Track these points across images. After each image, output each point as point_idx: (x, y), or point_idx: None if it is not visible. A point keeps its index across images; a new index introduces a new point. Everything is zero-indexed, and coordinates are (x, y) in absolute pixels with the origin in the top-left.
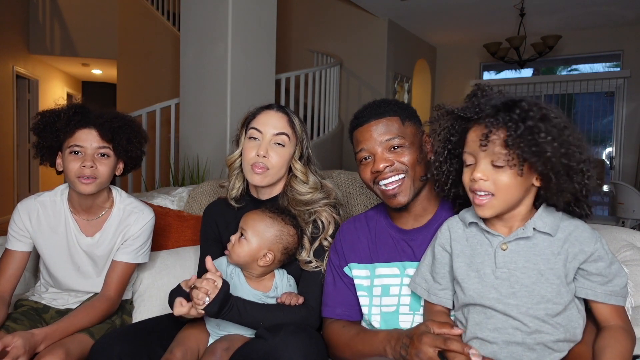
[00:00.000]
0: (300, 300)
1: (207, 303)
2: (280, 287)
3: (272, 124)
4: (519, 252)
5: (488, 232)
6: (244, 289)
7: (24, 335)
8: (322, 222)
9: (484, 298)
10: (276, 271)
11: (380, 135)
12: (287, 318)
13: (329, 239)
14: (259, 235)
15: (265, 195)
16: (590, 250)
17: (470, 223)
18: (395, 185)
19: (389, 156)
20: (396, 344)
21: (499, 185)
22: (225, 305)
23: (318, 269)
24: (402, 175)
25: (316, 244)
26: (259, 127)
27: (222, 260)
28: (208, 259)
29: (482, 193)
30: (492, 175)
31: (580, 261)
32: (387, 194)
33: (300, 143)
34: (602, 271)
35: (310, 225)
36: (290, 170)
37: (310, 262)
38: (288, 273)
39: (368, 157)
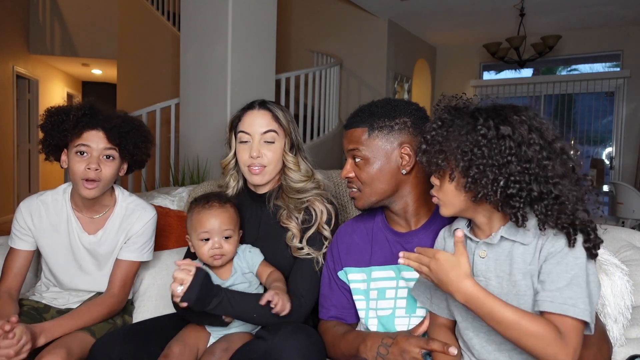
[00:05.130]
0: (287, 310)
1: (182, 292)
2: (240, 260)
3: (257, 123)
4: (497, 260)
5: (471, 239)
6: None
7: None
8: (314, 210)
9: (467, 310)
10: None
11: (348, 144)
12: None
13: (326, 227)
14: (237, 225)
15: (264, 189)
16: (551, 249)
17: (455, 230)
18: (354, 192)
19: (354, 167)
20: (373, 344)
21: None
22: (208, 294)
23: (310, 256)
24: (355, 189)
25: (310, 232)
26: (247, 130)
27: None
28: (176, 262)
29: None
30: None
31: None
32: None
33: (289, 134)
34: (549, 269)
35: (302, 213)
36: (283, 163)
37: (301, 248)
38: (280, 260)
39: (345, 158)
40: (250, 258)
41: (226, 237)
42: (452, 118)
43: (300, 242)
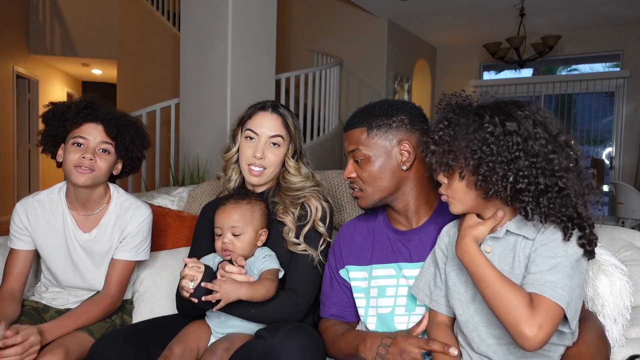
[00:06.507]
0: (221, 296)
1: (193, 288)
2: (255, 262)
3: (267, 125)
4: (501, 254)
5: None
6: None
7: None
8: (309, 206)
9: (468, 303)
10: None
11: (348, 146)
12: (279, 305)
13: (321, 223)
14: (251, 223)
15: (261, 188)
16: (544, 240)
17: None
18: (356, 192)
19: (356, 167)
20: (372, 344)
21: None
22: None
23: (307, 252)
24: (357, 189)
25: (306, 228)
26: (255, 129)
27: (208, 258)
28: (185, 259)
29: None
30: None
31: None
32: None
33: (294, 141)
34: (536, 255)
35: (298, 208)
36: (283, 164)
37: (298, 244)
38: (278, 256)
39: (347, 160)
40: (261, 263)
41: (236, 235)
42: (457, 117)
43: (297, 237)
